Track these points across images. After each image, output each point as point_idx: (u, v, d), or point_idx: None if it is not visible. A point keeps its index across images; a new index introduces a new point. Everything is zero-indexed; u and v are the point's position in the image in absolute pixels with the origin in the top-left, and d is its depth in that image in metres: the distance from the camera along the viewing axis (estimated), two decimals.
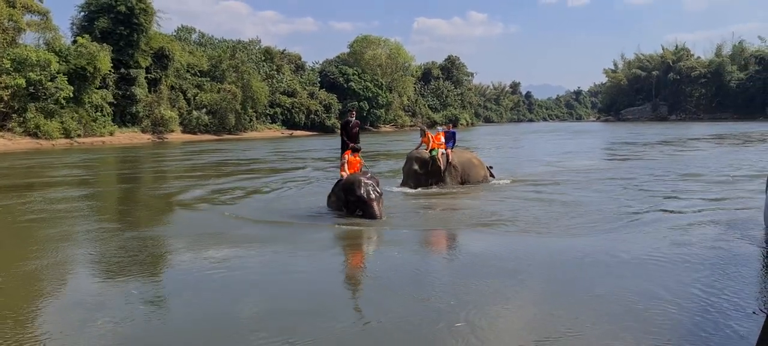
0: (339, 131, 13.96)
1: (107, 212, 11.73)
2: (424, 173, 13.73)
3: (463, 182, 14.08)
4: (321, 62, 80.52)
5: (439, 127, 15.02)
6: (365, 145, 15.59)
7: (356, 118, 13.10)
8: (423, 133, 14.37)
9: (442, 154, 13.92)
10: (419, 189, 13.36)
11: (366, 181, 9.93)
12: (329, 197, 10.81)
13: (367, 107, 73.39)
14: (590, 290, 6.08)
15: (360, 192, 9.74)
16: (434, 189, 13.43)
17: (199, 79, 55.81)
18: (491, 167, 15.38)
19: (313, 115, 65.82)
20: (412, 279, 6.60)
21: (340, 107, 67.79)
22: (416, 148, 14.21)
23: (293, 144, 39.90)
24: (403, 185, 13.78)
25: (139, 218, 11.01)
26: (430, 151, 13.84)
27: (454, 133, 14.76)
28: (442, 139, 14.19)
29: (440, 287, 6.27)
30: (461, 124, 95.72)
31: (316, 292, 6.23)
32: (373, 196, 9.76)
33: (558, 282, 6.38)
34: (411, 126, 79.13)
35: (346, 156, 10.76)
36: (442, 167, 13.78)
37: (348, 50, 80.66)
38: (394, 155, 25.26)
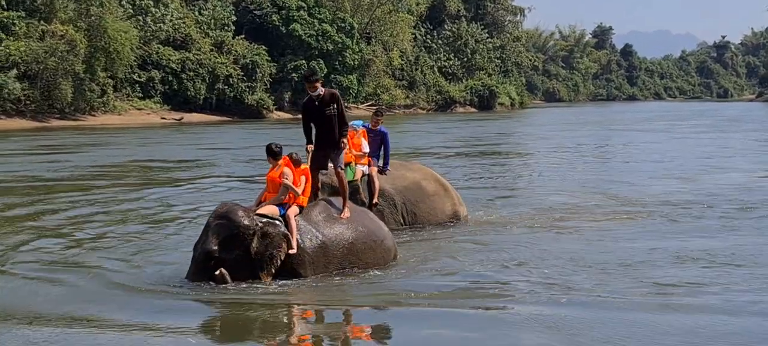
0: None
1: None
2: None
3: (407, 223, 11.30)
4: None
5: (356, 123, 11.13)
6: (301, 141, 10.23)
7: (321, 86, 9.56)
8: None
9: (364, 174, 10.94)
10: None
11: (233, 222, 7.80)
12: None
13: (325, 70, 56.59)
14: None
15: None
16: None
17: (4, 14, 44.70)
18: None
19: (222, 85, 52.42)
20: None
21: (274, 70, 54.17)
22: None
23: (188, 137, 33.25)
24: None
25: None
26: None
27: (384, 135, 11.44)
28: (364, 146, 11.01)
29: None
30: (501, 105, 69.01)
31: None
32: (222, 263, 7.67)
33: None
34: (406, 109, 60.03)
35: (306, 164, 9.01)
36: (365, 200, 10.69)
37: None
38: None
